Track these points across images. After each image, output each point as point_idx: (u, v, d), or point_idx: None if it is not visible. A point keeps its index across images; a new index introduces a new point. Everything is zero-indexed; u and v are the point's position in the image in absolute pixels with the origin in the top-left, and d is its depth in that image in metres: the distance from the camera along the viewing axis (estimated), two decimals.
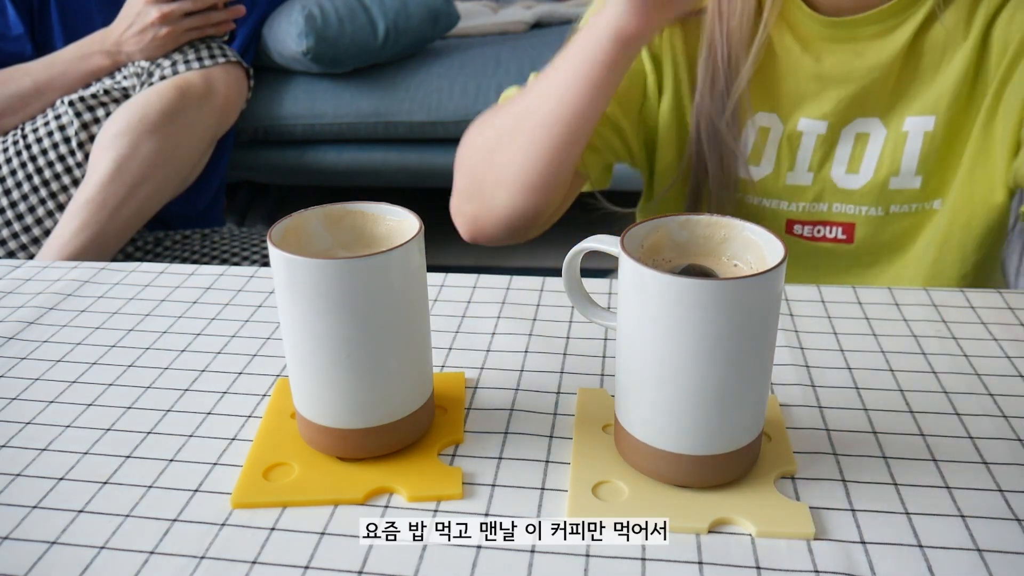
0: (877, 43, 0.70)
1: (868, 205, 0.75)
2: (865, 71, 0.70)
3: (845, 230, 0.76)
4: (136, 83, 1.24)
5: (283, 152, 1.79)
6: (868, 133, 0.73)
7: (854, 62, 0.71)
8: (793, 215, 0.77)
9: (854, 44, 0.70)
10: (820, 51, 0.72)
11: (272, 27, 1.64)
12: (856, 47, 0.70)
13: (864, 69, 0.70)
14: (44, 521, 0.43)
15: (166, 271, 0.71)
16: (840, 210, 0.76)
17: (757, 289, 0.39)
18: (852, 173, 0.74)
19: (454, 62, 1.75)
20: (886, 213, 0.75)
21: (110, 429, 0.50)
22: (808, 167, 0.75)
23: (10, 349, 0.60)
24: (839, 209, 0.76)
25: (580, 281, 0.50)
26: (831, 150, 0.74)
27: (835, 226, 0.76)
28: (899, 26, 0.69)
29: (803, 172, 0.75)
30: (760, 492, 0.43)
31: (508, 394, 0.53)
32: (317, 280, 0.41)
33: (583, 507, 0.43)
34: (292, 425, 0.49)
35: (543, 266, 1.85)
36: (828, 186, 0.75)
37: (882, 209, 0.75)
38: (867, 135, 0.73)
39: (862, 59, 0.70)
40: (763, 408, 0.44)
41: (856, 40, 0.70)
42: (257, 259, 1.27)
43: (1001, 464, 0.46)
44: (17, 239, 1.20)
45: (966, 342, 0.58)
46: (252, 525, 0.42)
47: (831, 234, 0.77)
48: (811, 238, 0.77)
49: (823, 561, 0.39)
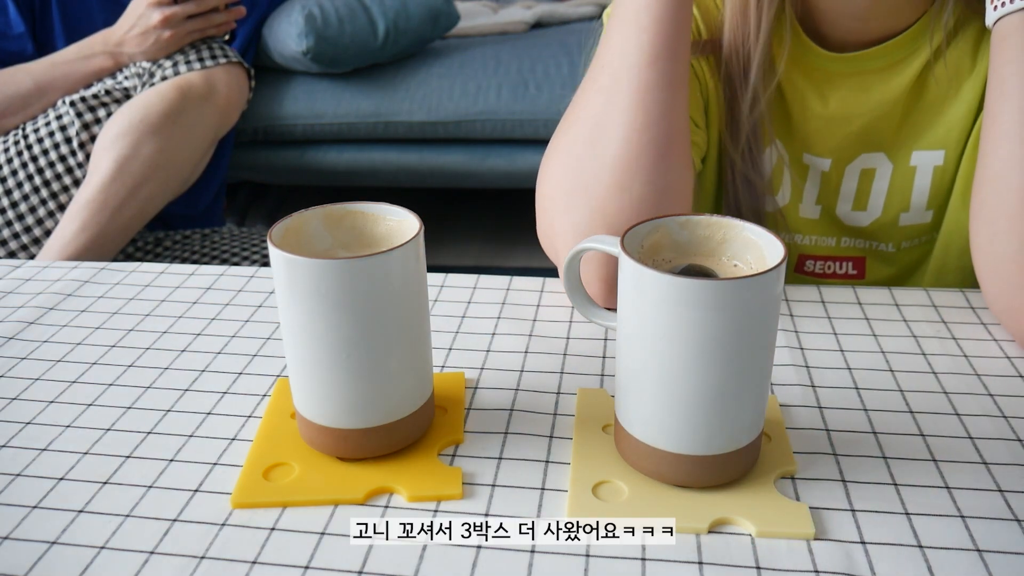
0: (884, 77, 0.69)
1: (879, 241, 0.74)
2: (872, 106, 0.69)
3: (856, 265, 0.76)
4: (137, 83, 1.24)
5: (283, 152, 1.79)
6: (874, 168, 0.72)
7: (860, 97, 0.69)
8: (805, 249, 0.76)
9: (861, 78, 0.69)
10: (826, 89, 0.70)
11: (272, 27, 1.64)
12: (863, 81, 0.69)
13: (871, 104, 0.69)
14: (44, 521, 0.43)
15: (166, 271, 0.71)
16: (849, 244, 0.75)
17: (757, 289, 0.39)
18: (859, 210, 0.73)
19: (454, 62, 1.75)
20: (898, 249, 0.74)
21: (110, 429, 0.50)
22: (816, 200, 0.74)
23: (10, 349, 0.60)
24: (847, 243, 0.75)
25: (580, 281, 0.51)
26: (836, 187, 0.73)
27: (845, 261, 0.76)
28: (906, 60, 0.68)
29: (811, 205, 0.75)
30: (760, 492, 0.43)
31: (508, 394, 0.53)
32: (317, 280, 0.41)
33: (583, 507, 0.43)
34: (292, 425, 0.49)
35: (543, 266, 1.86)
36: (836, 222, 0.75)
37: (893, 245, 0.74)
38: (873, 170, 0.72)
39: (868, 94, 0.69)
40: (763, 408, 0.44)
41: (863, 74, 0.69)
42: (257, 259, 1.27)
43: (1001, 464, 0.46)
44: (18, 239, 1.20)
45: (966, 342, 0.58)
46: (252, 525, 0.42)
47: (841, 270, 0.76)
48: (822, 275, 0.77)
49: (823, 561, 0.39)
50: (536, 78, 1.69)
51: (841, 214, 0.74)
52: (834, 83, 0.70)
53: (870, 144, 0.71)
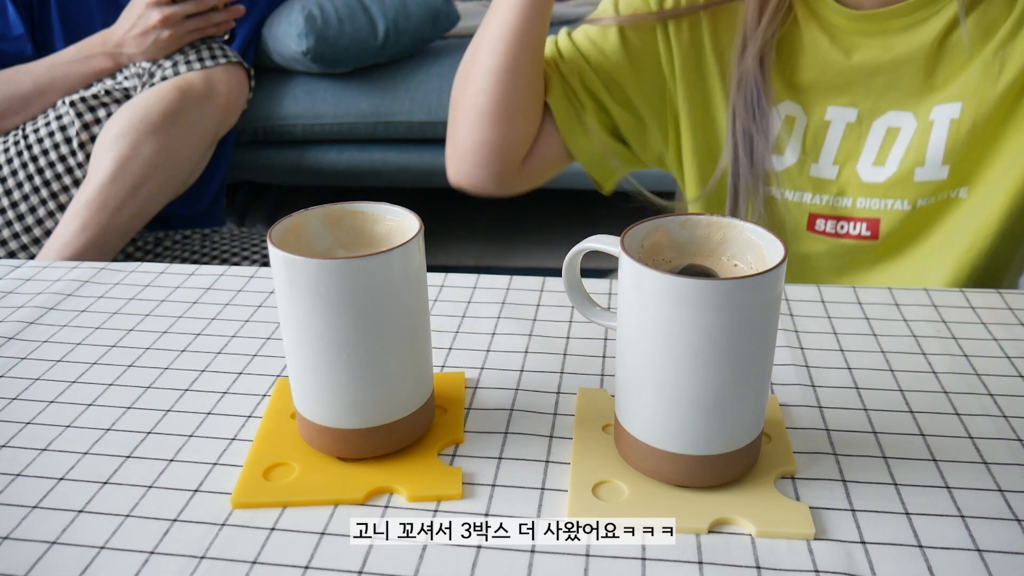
0: (906, 36, 0.69)
1: (894, 198, 0.73)
2: (895, 64, 0.70)
3: (869, 226, 0.75)
4: (137, 83, 1.24)
5: (283, 152, 1.79)
6: (900, 127, 0.72)
7: (883, 56, 0.70)
8: (816, 208, 0.76)
9: (883, 38, 0.70)
10: (849, 45, 0.71)
11: (272, 27, 1.64)
12: (885, 40, 0.70)
13: (894, 62, 0.70)
14: (44, 521, 0.43)
15: (166, 271, 0.71)
16: (864, 205, 0.75)
17: (757, 289, 0.39)
18: (878, 165, 0.73)
19: (454, 62, 1.74)
20: (913, 207, 0.73)
21: (110, 429, 0.50)
22: (834, 160, 0.74)
23: (10, 349, 0.60)
24: (863, 204, 0.75)
25: (580, 281, 0.50)
26: (861, 141, 0.73)
27: (859, 222, 0.75)
28: (928, 19, 0.68)
29: (828, 165, 0.75)
30: (760, 492, 0.43)
31: (508, 394, 0.53)
32: (317, 280, 0.41)
33: (583, 507, 0.43)
34: (292, 425, 0.49)
35: (543, 266, 1.86)
36: (853, 180, 0.74)
37: (908, 203, 0.73)
38: (898, 129, 0.72)
39: (891, 52, 0.70)
40: (763, 408, 0.44)
41: (885, 33, 0.69)
42: (257, 259, 1.27)
43: (1001, 464, 0.46)
44: (18, 239, 1.20)
45: (966, 342, 0.58)
46: (252, 525, 0.42)
47: (855, 230, 0.75)
48: (834, 234, 0.76)
49: (823, 561, 0.39)
50: None
51: (860, 170, 0.74)
52: (855, 41, 0.71)
53: (897, 102, 0.71)
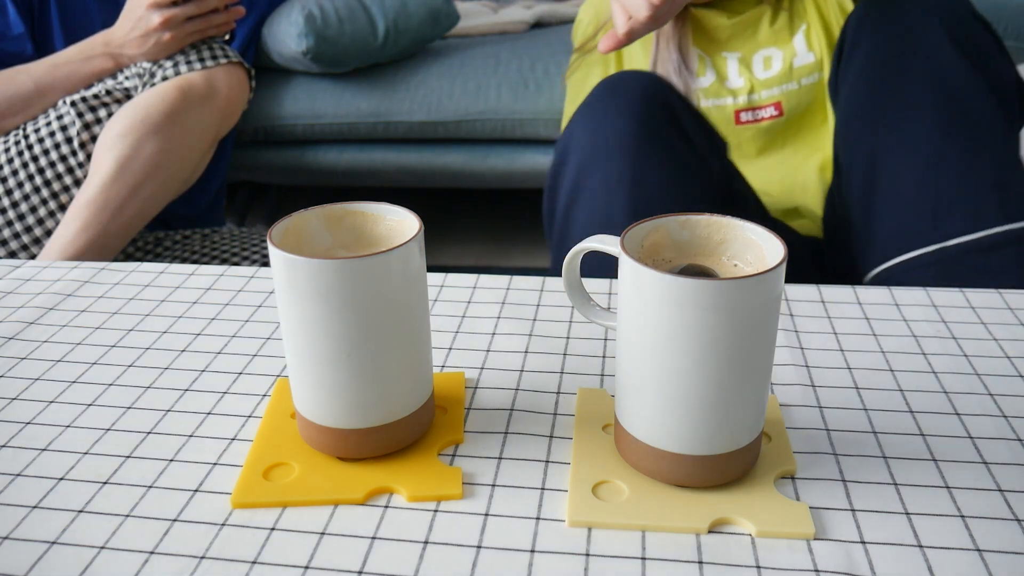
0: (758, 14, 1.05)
1: (785, 83, 1.04)
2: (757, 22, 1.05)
3: (776, 107, 1.04)
4: (138, 83, 1.24)
5: (283, 152, 1.79)
6: (771, 56, 1.05)
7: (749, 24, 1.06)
8: (739, 106, 1.05)
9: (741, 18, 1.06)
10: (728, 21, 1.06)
11: (272, 27, 1.64)
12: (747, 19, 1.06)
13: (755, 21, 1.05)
14: (44, 521, 0.43)
15: (166, 271, 0.71)
16: (768, 94, 1.05)
17: (757, 289, 0.39)
18: (767, 69, 1.06)
19: (454, 62, 1.75)
20: (799, 85, 1.04)
21: (110, 429, 0.50)
22: (738, 74, 1.05)
23: (10, 349, 0.60)
24: (767, 94, 1.05)
25: (580, 281, 0.51)
26: (748, 67, 1.06)
27: (769, 107, 1.05)
28: None
29: (736, 77, 1.06)
30: (760, 492, 0.43)
31: (508, 394, 0.53)
32: (317, 280, 0.41)
33: (583, 507, 0.43)
34: (292, 425, 0.49)
35: (543, 266, 1.85)
36: (755, 81, 1.05)
37: (796, 82, 1.04)
38: (770, 57, 1.05)
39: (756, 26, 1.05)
40: (763, 408, 0.44)
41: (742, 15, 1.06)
42: (257, 259, 1.27)
43: (1001, 464, 0.46)
44: (18, 239, 1.20)
45: (966, 342, 0.58)
46: (252, 525, 0.43)
47: (767, 114, 1.05)
48: (755, 121, 1.05)
49: (823, 561, 0.39)
50: (536, 78, 1.69)
51: (757, 73, 1.06)
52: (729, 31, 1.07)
53: (765, 41, 1.06)
